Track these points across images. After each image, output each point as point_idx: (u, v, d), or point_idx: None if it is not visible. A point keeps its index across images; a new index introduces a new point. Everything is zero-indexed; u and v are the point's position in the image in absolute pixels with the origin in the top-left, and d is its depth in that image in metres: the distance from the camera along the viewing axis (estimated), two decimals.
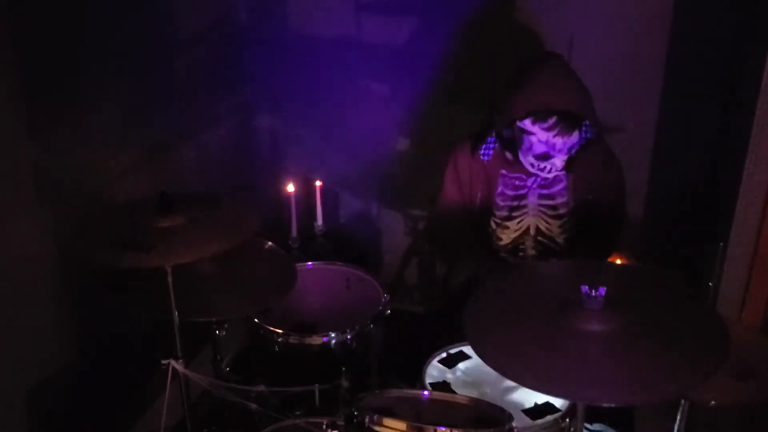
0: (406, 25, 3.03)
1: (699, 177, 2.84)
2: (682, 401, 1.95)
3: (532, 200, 2.45)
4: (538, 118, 2.26)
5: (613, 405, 1.73)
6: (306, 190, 3.13)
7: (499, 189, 2.46)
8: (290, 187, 2.98)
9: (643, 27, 2.76)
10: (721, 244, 2.27)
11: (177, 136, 2.90)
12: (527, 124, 2.28)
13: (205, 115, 3.07)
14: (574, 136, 2.30)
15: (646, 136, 2.89)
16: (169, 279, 2.04)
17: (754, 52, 2.28)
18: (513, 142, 2.39)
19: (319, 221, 3.06)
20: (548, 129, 2.27)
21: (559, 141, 2.29)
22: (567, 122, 2.25)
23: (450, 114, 3.00)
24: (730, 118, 2.66)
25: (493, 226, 2.50)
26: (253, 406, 2.13)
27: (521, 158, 2.38)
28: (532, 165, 2.37)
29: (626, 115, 2.84)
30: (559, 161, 2.35)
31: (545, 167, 2.36)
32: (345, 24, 3.07)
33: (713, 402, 1.90)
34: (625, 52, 2.80)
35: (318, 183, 3.06)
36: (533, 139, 2.30)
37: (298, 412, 2.19)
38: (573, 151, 2.36)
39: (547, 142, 2.29)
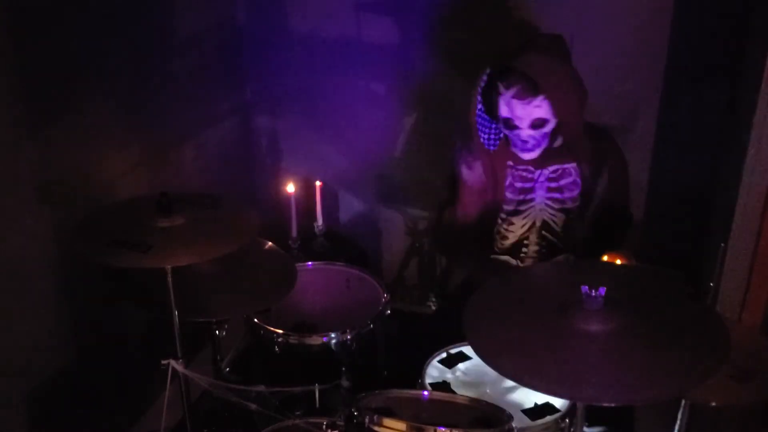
0: (406, 24, 3.03)
1: (699, 177, 2.84)
2: (683, 402, 1.95)
3: (539, 193, 2.45)
4: (502, 76, 2.29)
5: (612, 404, 1.72)
6: (306, 190, 3.13)
7: (508, 181, 2.46)
8: (290, 187, 2.98)
9: (644, 26, 2.76)
10: (722, 244, 2.27)
11: (177, 136, 2.90)
12: (498, 84, 2.32)
13: (205, 115, 3.07)
14: (536, 107, 2.29)
15: (646, 136, 2.89)
16: (169, 279, 2.04)
17: (754, 51, 2.28)
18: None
19: (319, 221, 3.06)
20: (507, 87, 2.29)
21: (518, 105, 2.29)
22: (525, 84, 2.26)
23: (450, 113, 3.00)
24: (730, 117, 2.65)
25: (499, 224, 2.50)
26: (253, 406, 2.13)
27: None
28: (508, 138, 2.39)
29: (626, 115, 2.84)
30: (525, 135, 2.34)
31: (515, 141, 2.37)
32: (345, 24, 3.07)
33: (713, 402, 1.90)
34: (625, 51, 2.79)
35: (318, 183, 3.06)
36: (501, 101, 2.32)
37: (298, 412, 2.19)
38: (546, 131, 2.34)
39: (508, 105, 2.30)
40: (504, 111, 2.32)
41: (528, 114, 2.30)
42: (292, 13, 3.15)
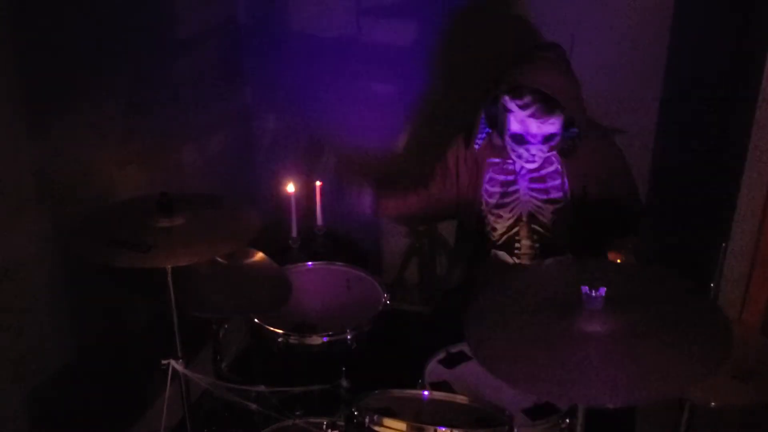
0: (407, 25, 3.03)
1: (699, 177, 2.84)
2: (687, 403, 1.95)
3: (522, 185, 2.48)
4: (515, 94, 2.29)
5: (611, 406, 1.72)
6: (306, 190, 3.12)
7: (489, 175, 2.50)
8: (290, 187, 2.98)
9: (644, 27, 2.76)
10: (722, 244, 2.27)
11: (177, 136, 2.90)
12: (507, 100, 2.32)
13: (205, 116, 3.07)
14: (551, 125, 2.31)
15: (647, 136, 2.89)
16: (169, 279, 2.03)
17: (754, 51, 2.28)
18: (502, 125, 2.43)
19: (319, 221, 3.05)
20: (523, 107, 2.29)
21: (533, 124, 2.31)
22: (543, 105, 2.27)
23: (450, 114, 3.00)
24: (730, 118, 2.65)
25: (487, 216, 2.53)
26: (253, 406, 2.13)
27: (505, 141, 2.42)
28: (512, 150, 2.40)
29: (626, 116, 2.84)
30: (535, 150, 2.36)
31: (521, 154, 2.38)
32: (345, 24, 3.07)
33: (713, 403, 1.90)
34: (625, 51, 2.80)
35: (318, 183, 3.06)
36: (511, 117, 2.33)
37: (298, 412, 2.19)
38: (553, 144, 2.37)
39: (522, 123, 2.32)
40: (516, 128, 2.34)
41: (542, 131, 2.33)
42: (293, 14, 3.15)
